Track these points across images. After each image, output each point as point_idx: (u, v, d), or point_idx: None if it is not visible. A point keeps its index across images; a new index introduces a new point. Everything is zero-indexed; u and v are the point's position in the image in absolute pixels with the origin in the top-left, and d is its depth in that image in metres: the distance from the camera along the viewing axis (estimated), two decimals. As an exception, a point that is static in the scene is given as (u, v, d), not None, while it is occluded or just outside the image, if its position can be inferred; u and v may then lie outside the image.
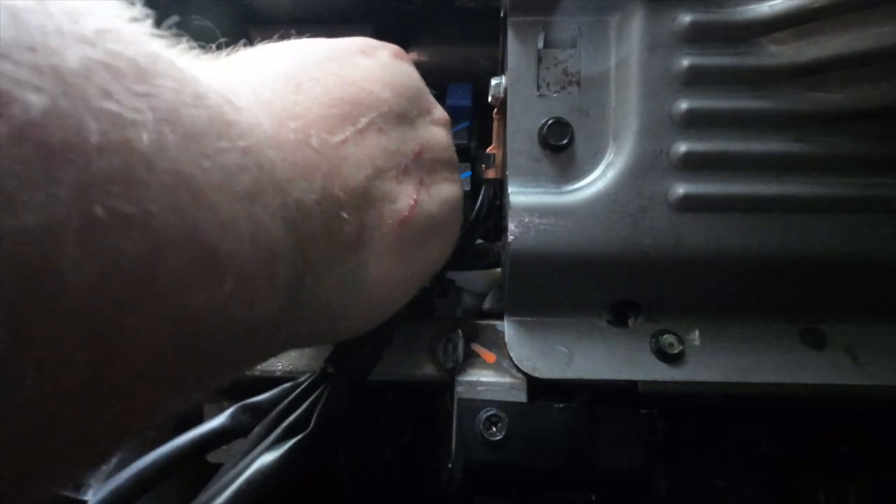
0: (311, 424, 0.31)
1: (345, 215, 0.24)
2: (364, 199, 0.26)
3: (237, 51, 0.27)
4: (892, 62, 0.31)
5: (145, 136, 0.13)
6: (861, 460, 0.47)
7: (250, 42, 0.48)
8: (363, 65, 0.29)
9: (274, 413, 0.32)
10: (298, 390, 0.33)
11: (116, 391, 0.15)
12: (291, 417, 0.32)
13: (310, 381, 0.34)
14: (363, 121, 0.26)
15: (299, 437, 0.31)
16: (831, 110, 0.33)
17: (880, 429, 0.47)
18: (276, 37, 0.30)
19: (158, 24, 0.16)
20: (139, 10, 0.15)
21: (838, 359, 0.36)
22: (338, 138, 0.25)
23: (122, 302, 0.13)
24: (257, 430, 0.32)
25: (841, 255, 0.35)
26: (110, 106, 0.12)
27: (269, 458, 0.30)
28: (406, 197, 0.28)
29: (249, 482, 0.29)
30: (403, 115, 0.29)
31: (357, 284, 0.27)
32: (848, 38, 0.31)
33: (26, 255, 0.11)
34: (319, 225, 0.23)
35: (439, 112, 0.34)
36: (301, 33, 0.47)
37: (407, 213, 0.28)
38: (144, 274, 0.14)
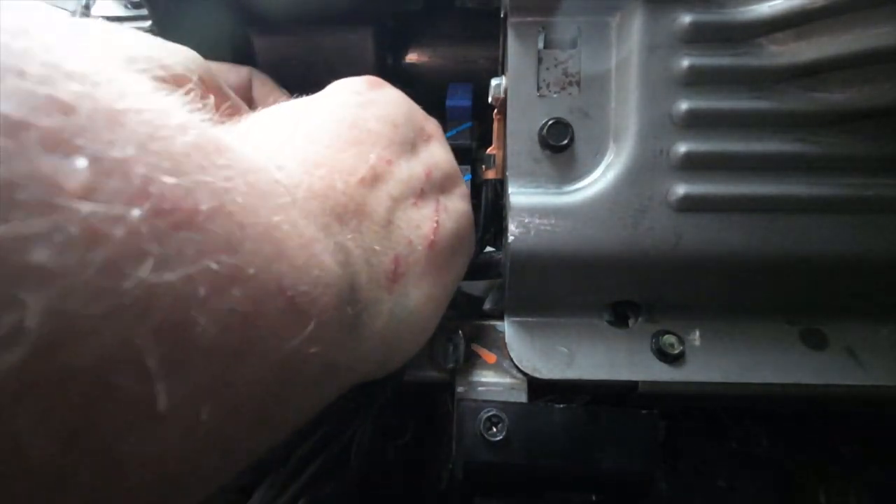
0: (353, 460, 0.31)
1: (377, 248, 0.26)
2: (391, 229, 0.28)
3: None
4: (892, 62, 0.31)
5: (238, 200, 0.16)
6: (862, 460, 0.47)
7: (251, 42, 0.48)
8: (352, 104, 0.31)
9: (310, 443, 0.32)
10: (328, 424, 0.33)
11: (225, 440, 0.16)
12: (326, 453, 0.31)
13: (342, 411, 0.33)
14: (372, 157, 0.28)
15: (342, 475, 0.31)
16: (831, 110, 0.33)
17: (881, 429, 0.47)
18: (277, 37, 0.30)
19: (161, 26, 0.17)
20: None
21: (839, 359, 0.36)
22: (356, 178, 0.27)
23: (236, 350, 0.15)
24: (294, 460, 0.31)
25: (841, 255, 0.35)
26: (207, 178, 0.15)
27: (313, 501, 0.30)
28: (428, 221, 0.30)
29: None
30: (403, 143, 0.31)
31: (404, 315, 0.28)
32: (848, 38, 0.31)
33: (170, 307, 0.13)
34: (360, 261, 0.25)
35: (429, 125, 0.35)
36: (301, 34, 0.47)
37: (433, 237, 0.30)
38: (252, 324, 0.15)
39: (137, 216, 0.12)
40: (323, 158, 0.26)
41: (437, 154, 0.34)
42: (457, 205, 0.33)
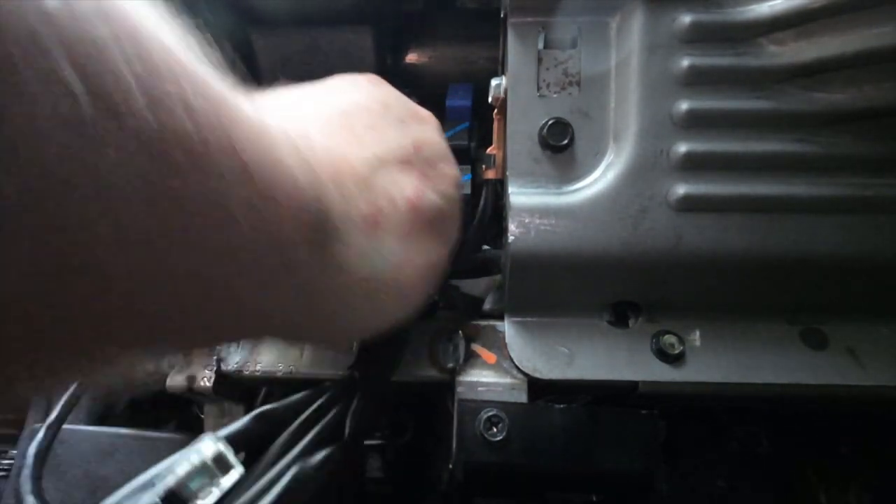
0: (347, 432, 0.31)
1: (354, 191, 0.28)
2: (372, 182, 0.29)
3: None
4: (892, 62, 0.31)
5: (212, 94, 0.18)
6: (861, 460, 0.47)
7: (251, 42, 0.48)
8: (349, 91, 0.33)
9: (300, 421, 0.32)
10: (324, 398, 0.33)
11: (196, 275, 0.19)
12: (321, 425, 0.31)
13: (336, 388, 0.34)
14: (359, 126, 0.31)
15: (336, 444, 0.31)
16: (831, 110, 0.33)
17: (881, 429, 0.47)
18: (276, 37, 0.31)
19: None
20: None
21: (839, 359, 0.36)
22: (339, 140, 0.29)
23: (211, 200, 0.18)
24: (283, 438, 0.31)
25: (841, 255, 0.35)
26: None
27: (305, 466, 0.29)
28: (411, 186, 0.31)
29: (288, 491, 0.29)
30: (393, 119, 0.33)
31: (384, 267, 0.29)
32: (848, 38, 0.31)
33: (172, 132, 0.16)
34: (335, 195, 0.26)
35: (424, 112, 0.37)
36: (301, 34, 0.47)
37: (415, 200, 0.31)
38: (221, 187, 0.18)
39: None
40: (307, 126, 0.28)
41: (430, 135, 0.35)
42: (445, 186, 0.34)
